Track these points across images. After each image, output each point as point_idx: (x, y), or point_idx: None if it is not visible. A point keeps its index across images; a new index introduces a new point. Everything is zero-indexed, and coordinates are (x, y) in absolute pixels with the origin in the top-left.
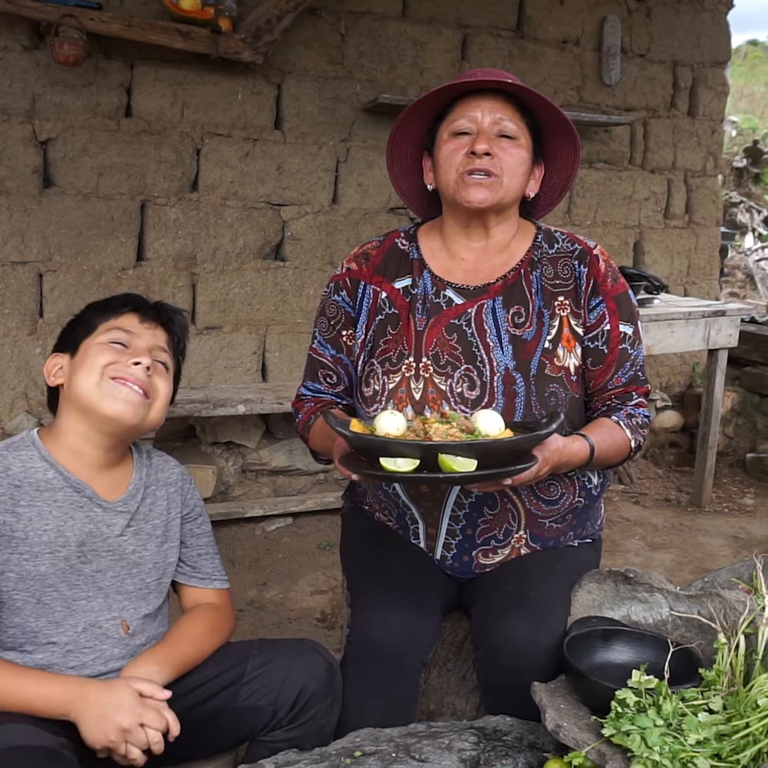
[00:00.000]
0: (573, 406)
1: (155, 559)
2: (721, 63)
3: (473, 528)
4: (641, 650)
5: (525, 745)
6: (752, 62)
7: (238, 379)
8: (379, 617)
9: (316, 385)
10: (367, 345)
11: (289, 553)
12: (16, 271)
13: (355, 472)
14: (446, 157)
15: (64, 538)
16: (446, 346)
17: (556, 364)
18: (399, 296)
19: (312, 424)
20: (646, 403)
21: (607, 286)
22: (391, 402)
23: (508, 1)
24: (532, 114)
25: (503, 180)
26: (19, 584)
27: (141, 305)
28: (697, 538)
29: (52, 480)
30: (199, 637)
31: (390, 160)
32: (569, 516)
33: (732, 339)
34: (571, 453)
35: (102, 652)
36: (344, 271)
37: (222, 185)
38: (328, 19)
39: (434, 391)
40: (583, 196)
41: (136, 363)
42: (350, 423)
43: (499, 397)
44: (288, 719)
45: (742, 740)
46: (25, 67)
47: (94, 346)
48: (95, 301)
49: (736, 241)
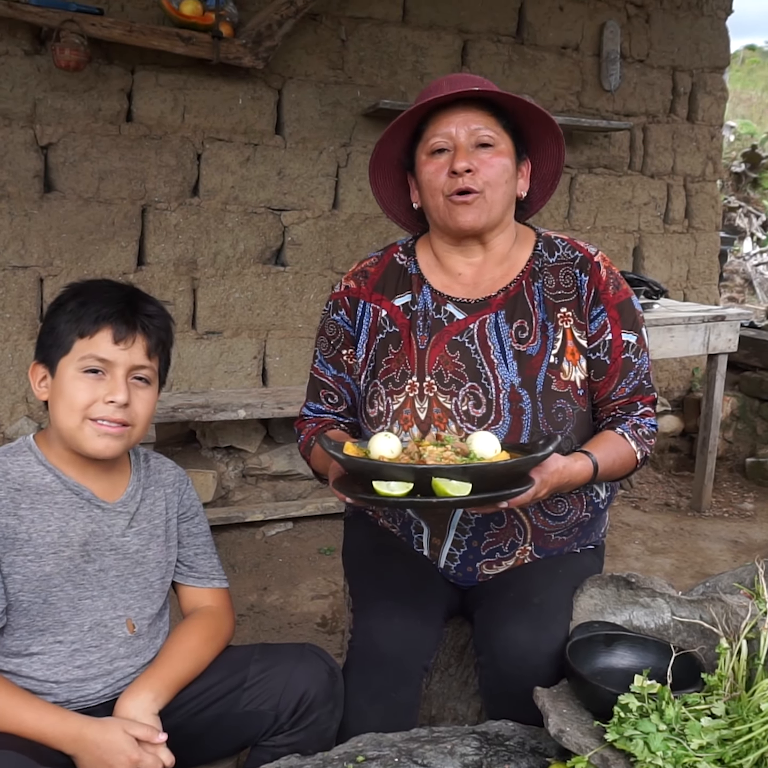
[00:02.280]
0: (581, 421)
1: (158, 559)
2: (720, 68)
3: (479, 540)
4: (643, 655)
5: (527, 750)
6: (750, 67)
7: (239, 383)
8: (380, 623)
9: (317, 406)
10: (369, 365)
11: (290, 558)
12: (16, 275)
13: (348, 495)
14: (429, 180)
15: (67, 539)
16: (449, 364)
17: (562, 378)
18: (399, 314)
19: (313, 445)
20: (652, 411)
21: (609, 294)
22: (396, 423)
23: (508, 7)
24: (507, 113)
25: (486, 194)
26: (25, 585)
27: (115, 317)
28: (697, 542)
29: (51, 483)
30: (195, 650)
31: (375, 187)
32: (575, 529)
33: (731, 344)
34: (572, 473)
35: (108, 651)
36: (343, 290)
37: (223, 190)
38: (329, 25)
39: (439, 410)
40: (583, 201)
41: (111, 401)
42: (344, 446)
43: (505, 415)
44: (290, 724)
45: (744, 745)
46: (26, 72)
47: (70, 376)
48: (65, 301)
49: (734, 246)
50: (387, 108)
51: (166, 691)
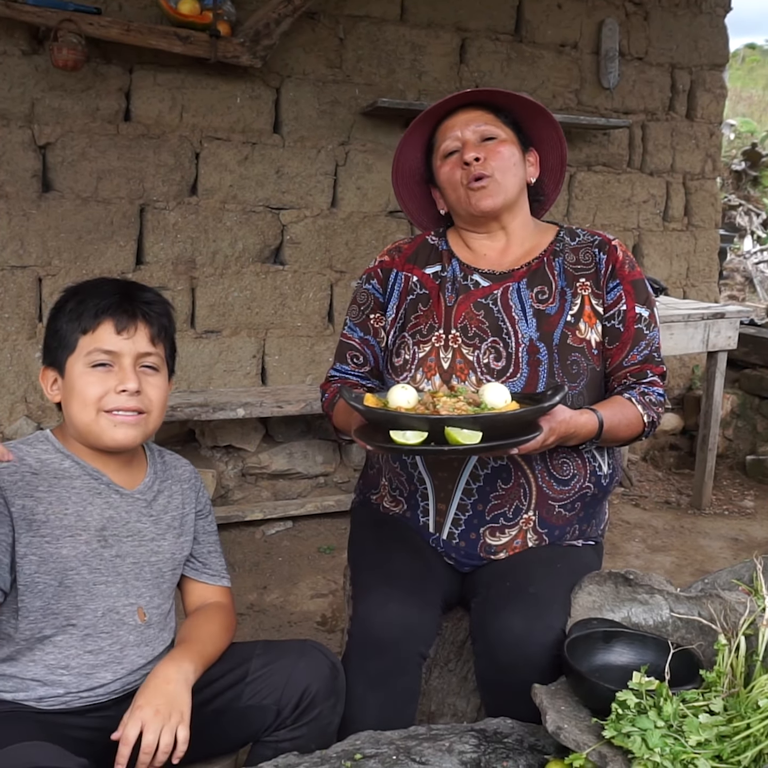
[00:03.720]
0: (593, 378)
1: (172, 550)
2: (719, 66)
3: (484, 503)
4: (642, 652)
5: (526, 747)
6: (750, 66)
7: (238, 382)
8: (378, 609)
9: (344, 367)
10: (398, 322)
11: (289, 557)
12: (15, 275)
13: (368, 443)
14: (447, 179)
15: (84, 523)
16: (474, 320)
17: (578, 335)
18: (429, 280)
19: (336, 401)
20: (661, 383)
21: (625, 271)
22: (420, 370)
23: (506, 4)
24: (505, 111)
25: (496, 177)
26: (41, 566)
27: (114, 308)
28: (697, 540)
29: (69, 469)
30: (218, 636)
31: (401, 201)
32: (578, 504)
33: (731, 341)
34: (578, 424)
35: (119, 638)
36: (377, 264)
37: (221, 189)
38: (327, 23)
39: (462, 361)
40: (582, 199)
41: (123, 390)
42: (365, 397)
43: (523, 367)
44: (292, 719)
45: (743, 741)
46: (24, 71)
47: (79, 372)
48: (64, 303)
49: (734, 244)
50: (385, 106)
51: (201, 667)
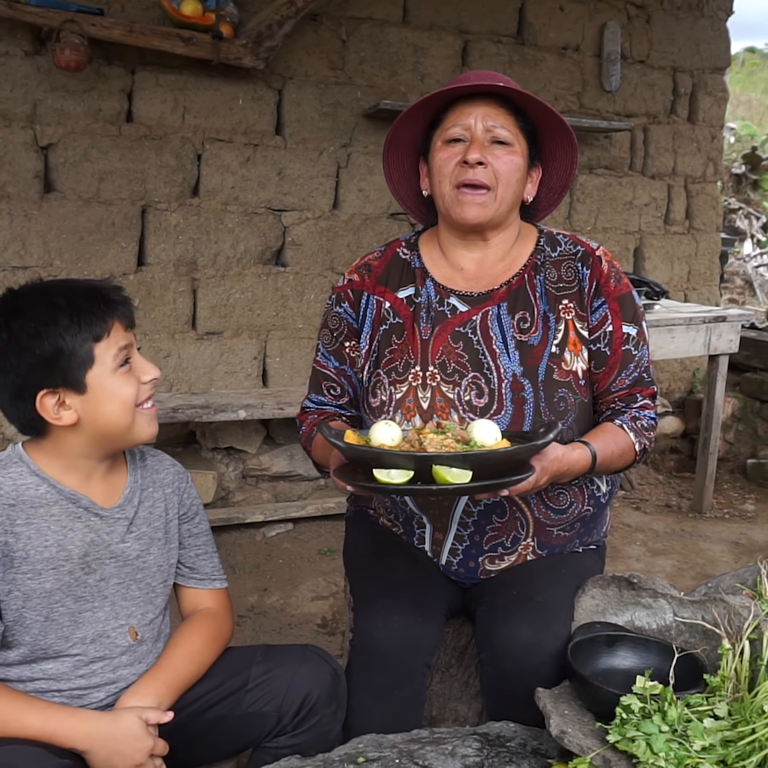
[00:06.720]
0: (582, 411)
1: (159, 562)
2: (721, 69)
3: (481, 535)
4: (645, 656)
5: (529, 751)
6: (750, 69)
7: (239, 384)
8: (380, 621)
9: (319, 398)
10: (372, 355)
11: (290, 559)
12: (16, 276)
13: (349, 483)
14: (440, 166)
15: (66, 552)
16: (452, 354)
17: (564, 368)
18: (403, 306)
19: (314, 435)
20: (652, 405)
21: (610, 287)
22: (399, 412)
23: (508, 7)
24: (526, 116)
25: (498, 191)
26: (27, 603)
27: (117, 309)
28: (698, 544)
29: (46, 495)
30: (198, 653)
31: (386, 166)
32: (577, 524)
33: (732, 345)
34: (571, 461)
35: (111, 661)
36: (346, 283)
37: (223, 190)
38: (329, 25)
39: (442, 399)
40: (584, 202)
41: (152, 379)
42: (345, 434)
43: (507, 405)
44: (293, 725)
45: (747, 746)
46: (26, 72)
47: (109, 379)
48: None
49: (735, 248)
50: (387, 108)
51: (168, 696)
